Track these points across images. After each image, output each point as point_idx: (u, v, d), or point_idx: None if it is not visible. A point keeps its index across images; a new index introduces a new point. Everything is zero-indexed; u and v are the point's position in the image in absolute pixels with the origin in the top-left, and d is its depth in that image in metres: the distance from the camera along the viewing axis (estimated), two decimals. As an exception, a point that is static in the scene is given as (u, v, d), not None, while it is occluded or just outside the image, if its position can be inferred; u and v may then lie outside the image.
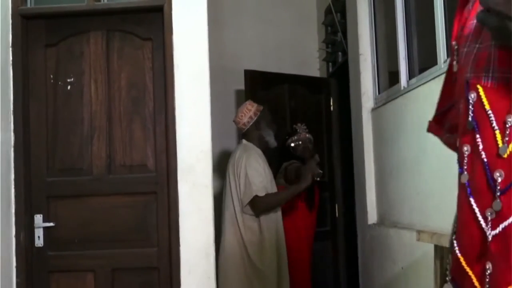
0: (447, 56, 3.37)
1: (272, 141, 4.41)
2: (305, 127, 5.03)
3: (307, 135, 5.00)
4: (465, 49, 1.22)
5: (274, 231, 4.21)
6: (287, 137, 5.07)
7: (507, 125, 1.10)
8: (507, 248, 1.08)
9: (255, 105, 4.40)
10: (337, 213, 5.99)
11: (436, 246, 2.96)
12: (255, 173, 4.13)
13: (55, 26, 3.91)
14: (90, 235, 3.83)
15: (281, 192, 4.42)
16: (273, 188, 4.29)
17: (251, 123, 4.33)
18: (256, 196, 4.08)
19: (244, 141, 4.38)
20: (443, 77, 3.35)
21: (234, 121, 4.45)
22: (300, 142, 4.96)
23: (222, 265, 4.16)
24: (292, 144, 4.99)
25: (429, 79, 3.54)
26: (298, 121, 5.23)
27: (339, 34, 5.77)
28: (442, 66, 3.38)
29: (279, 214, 4.31)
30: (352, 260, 5.51)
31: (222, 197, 4.34)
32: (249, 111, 4.35)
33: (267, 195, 4.15)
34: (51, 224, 3.82)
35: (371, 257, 4.71)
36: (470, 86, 1.17)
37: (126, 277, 3.82)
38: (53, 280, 3.83)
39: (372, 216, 4.71)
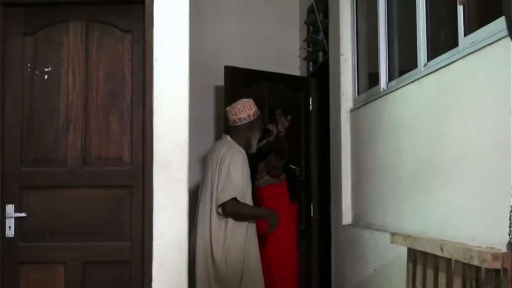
0: (428, 60, 3.38)
1: (254, 146, 4.43)
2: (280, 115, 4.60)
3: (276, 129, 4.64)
4: None
5: (243, 233, 4.16)
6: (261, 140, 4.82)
7: None
8: None
9: (256, 107, 4.36)
10: (312, 212, 5.99)
11: (409, 249, 2.97)
12: (239, 175, 4.11)
13: (35, 15, 3.87)
14: (63, 227, 3.79)
15: (253, 208, 4.37)
16: (248, 191, 4.23)
17: (246, 121, 4.28)
18: (234, 198, 4.06)
19: (228, 138, 4.33)
20: (422, 80, 3.37)
21: (227, 111, 4.37)
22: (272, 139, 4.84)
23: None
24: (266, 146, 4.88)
25: (408, 81, 3.54)
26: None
27: (321, 33, 5.77)
28: (422, 70, 3.39)
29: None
30: (325, 260, 5.51)
31: (199, 190, 4.31)
32: (250, 109, 4.31)
33: (242, 203, 4.12)
34: (23, 214, 3.77)
35: (344, 258, 4.72)
36: None
37: (97, 271, 3.79)
38: (23, 272, 3.78)
39: (347, 216, 4.71)
